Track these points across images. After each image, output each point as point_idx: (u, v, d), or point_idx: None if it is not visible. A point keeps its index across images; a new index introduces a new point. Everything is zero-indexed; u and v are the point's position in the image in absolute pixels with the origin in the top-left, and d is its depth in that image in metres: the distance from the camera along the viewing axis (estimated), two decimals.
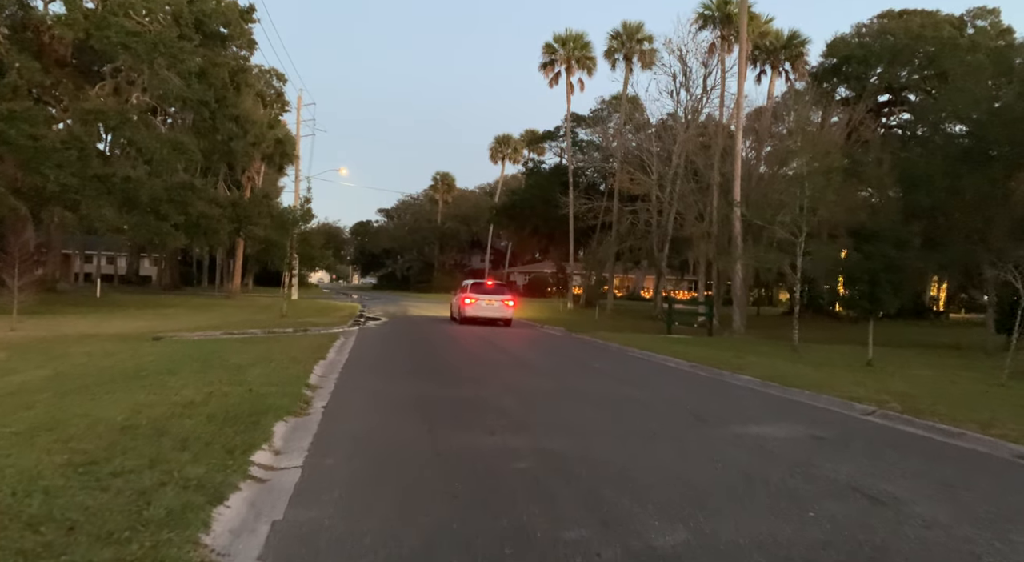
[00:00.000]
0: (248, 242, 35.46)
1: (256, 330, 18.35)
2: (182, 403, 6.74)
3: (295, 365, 10.20)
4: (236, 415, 6.23)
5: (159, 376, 8.54)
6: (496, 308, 22.67)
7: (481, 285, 24.27)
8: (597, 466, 5.09)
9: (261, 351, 12.02)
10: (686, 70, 32.45)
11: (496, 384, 9.50)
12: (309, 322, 21.40)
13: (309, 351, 12.53)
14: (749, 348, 17.42)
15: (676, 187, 31.76)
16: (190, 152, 27.22)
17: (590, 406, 7.96)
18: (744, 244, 21.86)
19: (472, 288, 23.52)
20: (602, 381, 10.46)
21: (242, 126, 34.54)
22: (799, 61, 33.63)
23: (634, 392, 9.31)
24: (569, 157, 40.74)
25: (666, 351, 15.17)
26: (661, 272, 34.86)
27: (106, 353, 11.13)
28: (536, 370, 11.59)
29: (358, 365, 11.33)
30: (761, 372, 11.45)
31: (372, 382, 9.46)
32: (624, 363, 13.30)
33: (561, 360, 13.39)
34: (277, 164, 39.09)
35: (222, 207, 31.40)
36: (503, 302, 22.89)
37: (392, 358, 13.25)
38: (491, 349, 15.13)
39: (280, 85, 46.83)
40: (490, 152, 65.12)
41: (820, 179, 16.67)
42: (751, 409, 8.21)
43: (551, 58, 39.62)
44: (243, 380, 8.45)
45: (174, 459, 4.62)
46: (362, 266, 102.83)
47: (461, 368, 11.59)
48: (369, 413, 7.19)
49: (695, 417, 7.41)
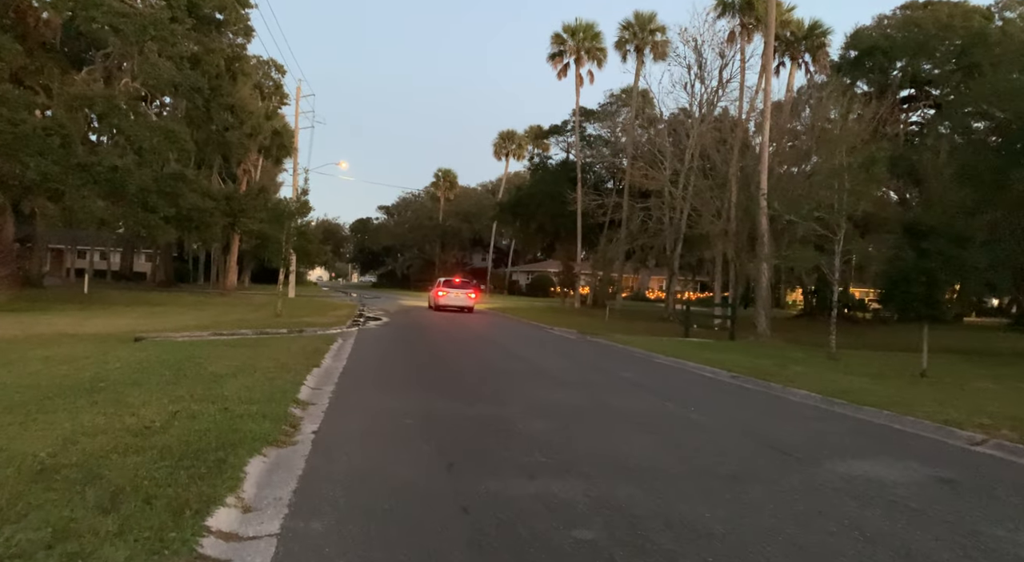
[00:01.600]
0: (244, 237, 34.01)
1: (247, 330, 16.97)
2: (135, 429, 5.33)
3: (284, 374, 8.78)
4: (200, 449, 4.82)
5: (118, 389, 7.13)
6: (461, 299, 29.45)
7: (451, 281, 31.17)
8: (686, 533, 3.68)
9: (248, 356, 10.60)
10: (701, 61, 31.03)
11: (519, 400, 8.08)
12: (305, 322, 19.99)
13: (302, 356, 11.12)
14: (783, 354, 16.01)
15: (691, 183, 30.35)
16: (182, 141, 25.74)
17: (641, 432, 6.53)
18: (769, 242, 20.45)
19: (443, 284, 30.61)
20: (640, 396, 9.03)
21: (238, 116, 33.16)
22: (820, 52, 32.16)
23: (684, 411, 7.89)
24: (577, 152, 39.28)
25: (696, 358, 13.77)
26: (673, 272, 33.43)
27: (68, 358, 9.70)
28: (560, 381, 10.17)
29: (357, 373, 9.91)
30: (816, 385, 10.05)
31: (374, 396, 8.04)
32: (656, 372, 11.89)
33: (584, 368, 11.98)
34: (274, 157, 37.64)
35: (216, 200, 29.94)
36: (466, 295, 29.73)
37: (395, 364, 11.83)
38: (505, 356, 13.73)
39: (279, 76, 45.39)
40: (494, 148, 63.68)
41: (861, 172, 15.29)
42: (834, 437, 6.79)
43: (560, 49, 38.12)
44: (219, 395, 7.04)
45: (90, 529, 3.21)
46: (361, 264, 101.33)
47: (475, 378, 10.18)
48: (371, 442, 5.76)
49: (775, 449, 5.99)
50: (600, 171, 42.28)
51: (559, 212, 39.23)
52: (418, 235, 77.28)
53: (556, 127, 43.72)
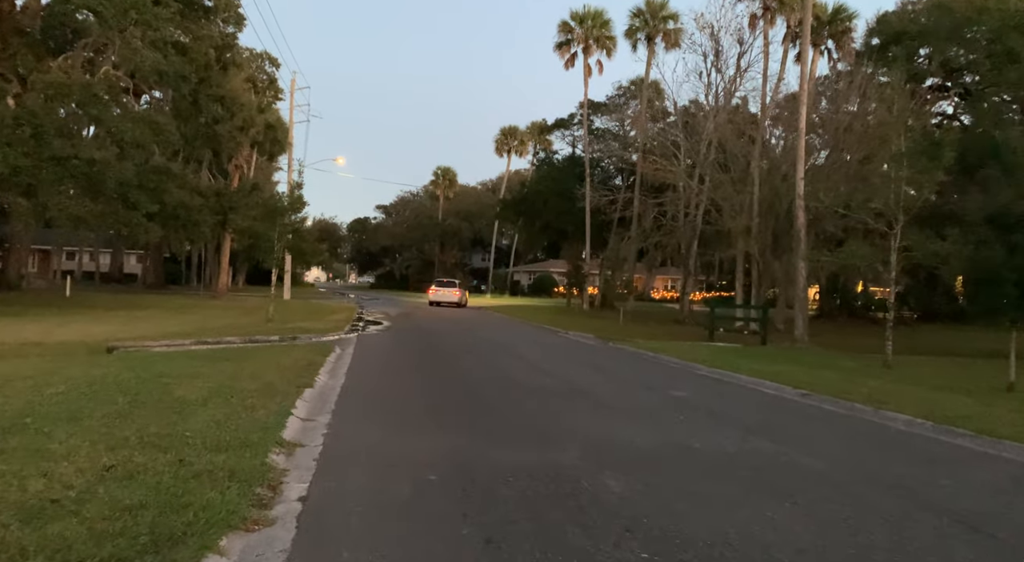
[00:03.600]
0: (236, 237, 32.21)
1: (234, 338, 15.23)
2: (31, 505, 3.58)
3: (269, 400, 7.03)
4: (113, 554, 3.06)
5: (46, 428, 5.37)
6: (448, 295, 35.95)
7: (441, 281, 38.94)
8: None
9: (228, 374, 8.84)
10: (718, 49, 29.29)
11: (569, 437, 6.32)
12: (299, 327, 18.23)
13: (293, 373, 9.36)
14: (834, 364, 14.30)
15: (708, 177, 28.61)
16: (167, 133, 23.95)
17: (760, 495, 4.69)
18: (806, 239, 18.73)
19: (436, 284, 38.35)
20: (717, 429, 7.24)
21: (228, 108, 31.35)
22: (845, 38, 30.39)
23: (785, 452, 6.11)
24: (585, 145, 37.47)
25: (744, 369, 12.03)
26: (690, 271, 31.68)
27: (5, 378, 7.93)
28: (606, 405, 8.41)
29: (359, 396, 8.17)
30: (911, 406, 8.33)
31: (381, 434, 6.27)
32: (709, 389, 10.12)
33: (626, 385, 10.20)
34: (268, 152, 35.83)
35: (205, 197, 28.16)
36: (453, 292, 36.21)
37: (404, 382, 10.04)
38: (529, 369, 11.97)
39: (273, 70, 43.61)
40: (495, 144, 61.82)
41: (923, 160, 13.58)
42: (1003, 492, 5.05)
43: (567, 37, 36.30)
44: (179, 435, 5.30)
45: None
46: (359, 265, 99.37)
47: (502, 401, 8.42)
48: (383, 520, 3.99)
49: (963, 525, 4.23)
50: (608, 167, 40.50)
51: (566, 209, 37.45)
52: (417, 235, 75.41)
53: (562, 121, 41.94)
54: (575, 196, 35.76)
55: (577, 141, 41.62)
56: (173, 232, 25.54)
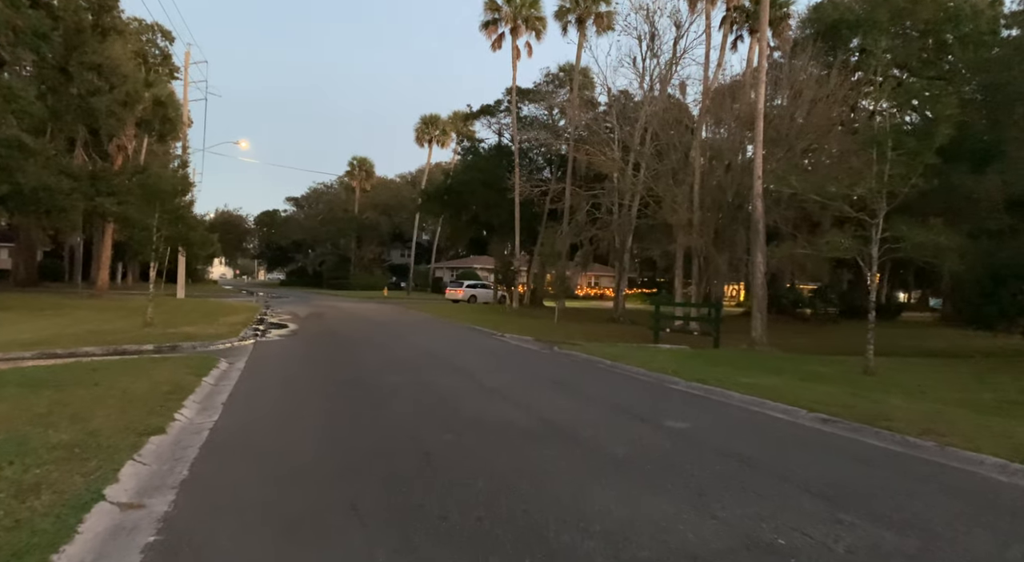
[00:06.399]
0: (117, 226, 28.04)
1: (95, 348, 12.10)
2: None
3: (71, 469, 4.29)
4: None
5: None
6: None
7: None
8: None
9: (36, 413, 5.96)
10: (654, 32, 27.67)
11: (580, 537, 3.93)
12: (184, 333, 15.07)
13: (144, 406, 6.56)
14: (815, 371, 12.59)
15: (643, 165, 26.94)
16: (23, 101, 19.95)
17: None
18: (763, 232, 17.13)
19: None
20: (770, 493, 5.02)
21: (107, 79, 27.15)
22: (783, 25, 29.43)
23: (885, 536, 3.97)
24: (514, 132, 35.11)
25: (729, 382, 10.02)
26: (624, 267, 29.99)
27: None
28: (600, 451, 6.07)
29: (233, 453, 5.48)
30: (962, 435, 6.47)
31: (264, 533, 3.66)
32: (712, 418, 7.90)
33: (605, 414, 7.84)
34: (158, 132, 31.59)
35: (77, 180, 24.03)
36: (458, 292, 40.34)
37: (305, 422, 7.23)
38: (478, 390, 9.50)
39: (167, 44, 39.05)
40: (416, 133, 58.54)
41: (911, 140, 12.05)
42: None
43: (494, 16, 33.81)
44: None
45: None
46: (268, 260, 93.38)
47: (453, 451, 5.91)
48: None
49: None
50: (538, 158, 38.37)
51: (494, 201, 35.07)
52: (332, 229, 71.06)
53: (488, 107, 39.40)
54: (505, 187, 33.41)
55: (504, 129, 39.31)
56: (33, 218, 21.42)
